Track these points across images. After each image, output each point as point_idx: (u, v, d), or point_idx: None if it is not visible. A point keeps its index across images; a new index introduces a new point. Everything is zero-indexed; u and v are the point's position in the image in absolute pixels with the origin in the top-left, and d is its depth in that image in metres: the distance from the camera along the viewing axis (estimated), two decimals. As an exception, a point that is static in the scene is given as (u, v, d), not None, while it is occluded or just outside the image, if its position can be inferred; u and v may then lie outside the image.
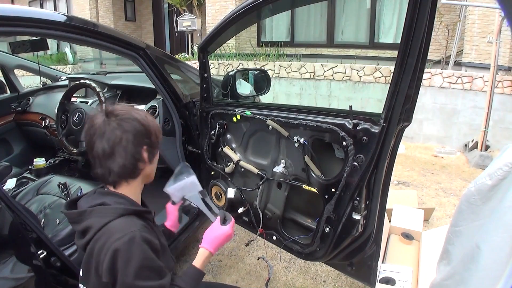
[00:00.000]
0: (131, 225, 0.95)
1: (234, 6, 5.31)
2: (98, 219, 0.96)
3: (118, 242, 0.90)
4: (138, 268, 0.90)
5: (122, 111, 1.02)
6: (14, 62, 2.92)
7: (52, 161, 2.57)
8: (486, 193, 1.06)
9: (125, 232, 0.92)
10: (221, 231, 1.13)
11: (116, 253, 0.90)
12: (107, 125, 0.99)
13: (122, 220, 0.96)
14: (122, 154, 0.99)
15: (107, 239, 0.92)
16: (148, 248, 0.93)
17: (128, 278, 0.89)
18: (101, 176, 1.02)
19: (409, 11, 1.06)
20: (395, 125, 1.19)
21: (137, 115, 1.02)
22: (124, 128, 0.99)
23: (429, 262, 1.75)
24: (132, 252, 0.90)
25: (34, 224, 1.22)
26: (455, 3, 5.15)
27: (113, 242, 0.90)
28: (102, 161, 1.00)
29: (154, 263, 0.95)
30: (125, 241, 0.90)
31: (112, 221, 0.95)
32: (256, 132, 1.62)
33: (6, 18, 1.24)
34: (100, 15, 10.19)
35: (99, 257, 0.92)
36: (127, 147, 0.99)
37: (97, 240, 0.94)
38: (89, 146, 1.01)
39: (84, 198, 1.06)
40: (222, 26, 1.56)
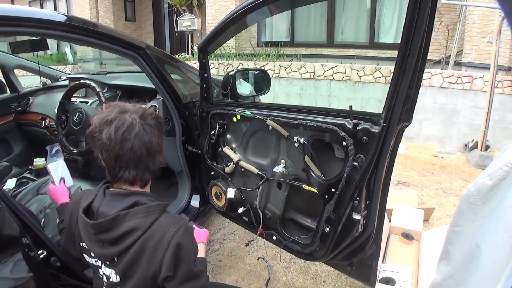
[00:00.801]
0: (179, 218, 1.02)
1: (234, 6, 5.31)
2: (142, 219, 0.95)
3: (177, 235, 0.95)
4: (195, 255, 1.01)
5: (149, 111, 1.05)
6: (14, 62, 2.92)
7: (52, 161, 2.57)
8: (486, 193, 1.06)
9: (179, 224, 0.97)
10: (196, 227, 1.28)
11: (179, 246, 0.95)
12: (145, 126, 0.99)
13: (166, 215, 1.00)
14: (160, 152, 1.04)
15: (163, 234, 0.94)
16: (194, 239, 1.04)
17: (190, 265, 0.97)
18: (133, 177, 0.99)
19: (409, 11, 1.06)
20: (395, 125, 1.19)
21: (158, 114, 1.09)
22: (159, 128, 1.04)
23: (429, 262, 1.75)
24: (191, 241, 1.00)
25: (34, 224, 1.22)
26: (455, 3, 5.16)
27: (172, 236, 0.94)
28: (140, 161, 0.98)
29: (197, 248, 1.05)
30: (181, 233, 0.96)
31: (159, 218, 0.97)
32: (256, 132, 1.62)
33: (6, 18, 1.24)
34: (100, 15, 10.19)
35: (156, 254, 0.93)
36: (161, 145, 1.05)
37: (148, 239, 0.94)
38: (122, 148, 0.95)
39: (103, 204, 1.01)
40: (222, 26, 1.56)
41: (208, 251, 2.39)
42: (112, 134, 0.95)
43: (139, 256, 0.95)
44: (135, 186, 1.03)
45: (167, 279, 0.94)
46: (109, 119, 0.97)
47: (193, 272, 0.98)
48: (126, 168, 0.98)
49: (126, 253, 0.95)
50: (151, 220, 0.96)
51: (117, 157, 0.97)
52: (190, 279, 0.98)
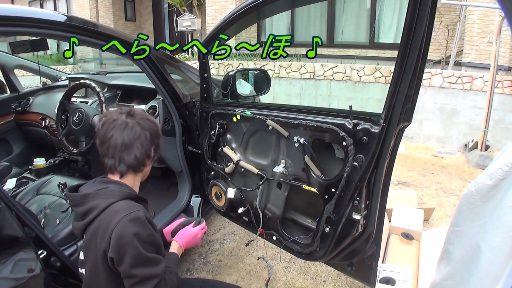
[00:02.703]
0: (134, 206, 1.06)
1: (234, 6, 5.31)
2: (103, 200, 1.06)
3: (125, 220, 1.00)
4: (144, 242, 1.01)
5: (141, 113, 1.17)
6: (14, 62, 2.92)
7: (52, 161, 2.57)
8: (486, 193, 1.06)
9: (130, 210, 1.03)
10: (190, 230, 1.30)
11: (124, 230, 0.99)
12: (129, 122, 1.13)
13: (125, 202, 1.07)
14: (138, 148, 1.12)
15: (113, 217, 1.02)
16: (150, 226, 1.05)
17: (137, 250, 0.99)
18: (111, 165, 1.13)
19: (409, 11, 1.06)
20: (395, 125, 1.19)
21: (153, 119, 1.19)
22: (144, 126, 1.14)
23: (429, 262, 1.75)
24: (138, 227, 1.01)
25: (34, 224, 1.22)
26: (455, 3, 5.16)
27: (120, 220, 1.00)
28: (116, 152, 1.11)
29: (156, 239, 1.06)
30: (131, 218, 1.01)
31: (117, 202, 1.05)
32: (256, 132, 1.62)
33: (6, 18, 1.25)
34: (100, 15, 10.19)
35: (105, 234, 1.01)
36: (144, 143, 1.13)
37: (102, 219, 1.04)
38: (105, 137, 1.12)
39: (86, 185, 1.16)
40: (222, 26, 1.56)
41: (208, 251, 2.39)
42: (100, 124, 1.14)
43: (95, 235, 1.04)
44: (115, 176, 1.15)
45: (116, 261, 1.01)
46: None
47: (146, 257, 1.01)
48: (106, 156, 1.13)
49: (87, 230, 1.07)
50: (108, 202, 1.05)
51: (101, 144, 1.13)
52: (142, 265, 1.00)
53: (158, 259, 1.05)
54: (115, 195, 1.07)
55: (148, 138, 1.14)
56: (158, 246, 1.07)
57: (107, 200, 1.06)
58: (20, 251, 1.19)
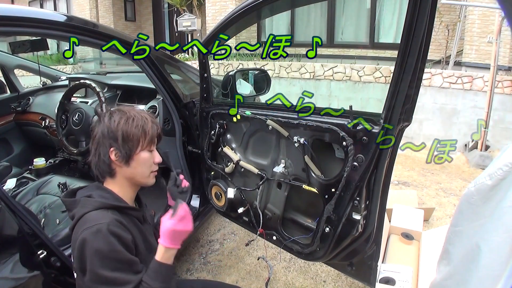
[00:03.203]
0: (102, 217, 1.01)
1: (234, 6, 5.31)
2: (80, 209, 1.05)
3: (86, 232, 0.98)
4: (103, 259, 0.96)
5: (106, 113, 1.12)
6: (14, 62, 2.92)
7: (52, 161, 2.57)
8: (486, 193, 1.06)
9: (94, 223, 0.99)
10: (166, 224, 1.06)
11: (84, 242, 0.97)
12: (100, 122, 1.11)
13: (97, 212, 1.03)
14: (94, 153, 1.11)
15: (79, 228, 1.01)
16: (116, 241, 0.98)
17: (94, 266, 0.96)
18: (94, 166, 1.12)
19: (409, 11, 1.06)
20: (395, 125, 1.19)
21: (109, 118, 1.09)
22: (99, 129, 1.10)
23: (429, 262, 1.75)
24: (97, 242, 0.96)
25: (34, 224, 1.22)
26: (455, 3, 5.16)
27: (82, 232, 0.98)
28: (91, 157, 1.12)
29: (122, 256, 0.99)
30: (92, 231, 0.97)
31: (89, 212, 1.03)
32: (256, 132, 1.62)
33: (6, 18, 1.25)
34: (100, 15, 10.19)
35: (74, 244, 1.00)
36: (97, 147, 1.10)
37: (76, 229, 1.03)
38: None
39: (82, 189, 1.14)
40: (222, 26, 1.56)
41: (208, 251, 2.39)
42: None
43: (73, 242, 1.03)
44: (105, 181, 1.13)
45: (80, 273, 0.99)
46: None
47: (104, 276, 0.95)
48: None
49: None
50: (82, 212, 1.03)
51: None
52: (102, 283, 0.96)
53: (122, 279, 0.97)
54: (89, 205, 1.04)
55: (100, 141, 1.08)
56: (125, 262, 0.99)
57: (83, 209, 1.04)
58: (20, 251, 1.19)
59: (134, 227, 1.10)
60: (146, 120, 1.13)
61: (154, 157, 1.15)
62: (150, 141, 1.12)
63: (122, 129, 1.08)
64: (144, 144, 1.11)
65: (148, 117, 1.15)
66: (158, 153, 1.17)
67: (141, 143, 1.10)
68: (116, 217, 1.04)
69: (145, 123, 1.11)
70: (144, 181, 1.15)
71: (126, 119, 1.10)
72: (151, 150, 1.14)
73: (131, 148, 1.09)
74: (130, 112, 1.12)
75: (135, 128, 1.09)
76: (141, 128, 1.10)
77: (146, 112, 1.18)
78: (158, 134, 1.16)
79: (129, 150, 1.09)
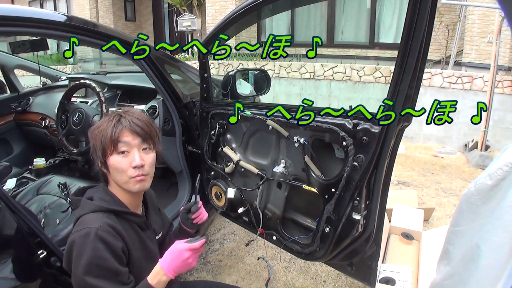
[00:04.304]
0: (94, 221, 0.99)
1: (234, 6, 5.31)
2: (79, 210, 1.06)
3: (76, 234, 0.98)
4: (88, 264, 0.94)
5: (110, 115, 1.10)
6: (14, 62, 2.91)
7: (52, 161, 2.57)
8: (486, 193, 1.06)
9: (85, 226, 0.98)
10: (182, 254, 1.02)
11: (72, 244, 0.97)
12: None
13: (91, 215, 1.02)
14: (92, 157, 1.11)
15: (75, 227, 1.02)
16: (103, 247, 0.96)
17: (78, 271, 0.95)
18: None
19: (409, 11, 1.06)
20: (395, 125, 1.19)
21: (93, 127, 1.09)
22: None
23: (429, 262, 1.75)
24: (84, 246, 0.95)
25: (34, 224, 1.22)
26: (455, 3, 5.16)
27: (73, 233, 0.99)
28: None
29: (106, 263, 0.96)
30: (81, 234, 0.97)
31: (85, 215, 1.02)
32: (256, 132, 1.62)
33: (6, 18, 1.24)
34: (100, 15, 10.19)
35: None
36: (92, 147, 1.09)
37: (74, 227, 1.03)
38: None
39: (90, 189, 1.13)
40: (222, 26, 1.56)
41: (208, 251, 2.39)
42: None
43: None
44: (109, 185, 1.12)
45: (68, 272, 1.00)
46: None
47: (83, 281, 0.94)
48: None
49: None
50: (80, 214, 1.04)
51: None
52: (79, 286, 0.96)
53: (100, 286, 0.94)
54: (87, 207, 1.04)
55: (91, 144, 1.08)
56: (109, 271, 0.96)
57: (81, 211, 1.04)
58: (20, 251, 1.19)
59: (132, 233, 1.08)
60: (111, 122, 1.04)
61: (131, 160, 1.03)
62: (111, 144, 1.02)
63: (91, 136, 1.07)
64: (110, 147, 1.03)
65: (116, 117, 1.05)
66: (139, 155, 1.05)
67: (106, 146, 1.03)
68: (110, 221, 1.01)
69: (108, 125, 1.04)
70: (126, 187, 1.06)
71: (97, 125, 1.07)
72: (121, 152, 1.03)
73: (101, 154, 1.04)
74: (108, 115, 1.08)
75: (99, 133, 1.04)
76: (103, 132, 1.04)
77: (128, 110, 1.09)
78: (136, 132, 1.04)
79: (100, 156, 1.04)
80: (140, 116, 1.08)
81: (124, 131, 1.03)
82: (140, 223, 1.13)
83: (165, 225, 1.33)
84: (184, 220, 1.23)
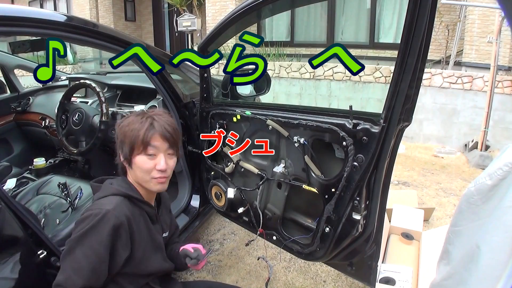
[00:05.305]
0: (108, 203, 1.05)
1: (234, 6, 5.30)
2: (99, 193, 1.12)
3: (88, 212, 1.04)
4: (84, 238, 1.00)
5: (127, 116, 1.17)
6: (14, 62, 2.91)
7: (52, 161, 2.57)
8: (486, 193, 1.06)
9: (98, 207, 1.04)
10: None
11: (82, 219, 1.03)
12: None
13: (109, 198, 1.08)
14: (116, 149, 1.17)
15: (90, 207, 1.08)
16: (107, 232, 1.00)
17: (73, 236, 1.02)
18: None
19: (409, 11, 1.06)
20: (395, 125, 1.19)
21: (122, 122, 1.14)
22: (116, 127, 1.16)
23: (429, 262, 1.75)
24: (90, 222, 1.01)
25: (34, 224, 1.22)
26: (455, 3, 5.16)
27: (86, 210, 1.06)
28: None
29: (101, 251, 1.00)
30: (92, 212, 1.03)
31: (104, 197, 1.09)
32: (256, 132, 1.62)
33: (6, 18, 1.24)
34: (100, 15, 10.19)
35: None
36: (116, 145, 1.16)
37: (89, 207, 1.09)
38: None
39: (110, 179, 1.19)
40: (222, 26, 1.56)
41: (208, 251, 2.39)
42: None
43: None
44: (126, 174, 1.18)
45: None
46: None
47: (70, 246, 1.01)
48: None
49: None
50: (99, 196, 1.11)
51: None
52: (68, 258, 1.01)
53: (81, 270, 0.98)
54: (107, 191, 1.11)
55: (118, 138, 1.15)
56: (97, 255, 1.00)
57: (100, 193, 1.11)
58: (20, 251, 1.19)
59: (142, 222, 1.13)
60: (144, 123, 1.09)
61: (156, 163, 1.10)
62: (142, 145, 1.08)
63: (122, 130, 1.12)
64: (140, 148, 1.09)
65: (149, 120, 1.10)
66: (164, 159, 1.11)
67: (135, 146, 1.09)
68: (123, 206, 1.07)
69: (141, 126, 1.09)
70: (147, 186, 1.14)
71: (128, 122, 1.12)
72: (149, 154, 1.10)
73: (129, 151, 1.10)
74: (140, 114, 1.14)
75: (130, 131, 1.09)
76: (135, 132, 1.09)
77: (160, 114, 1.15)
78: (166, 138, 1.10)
79: (127, 152, 1.11)
80: (170, 122, 1.15)
81: (156, 135, 1.10)
82: (151, 214, 1.18)
83: (172, 226, 1.37)
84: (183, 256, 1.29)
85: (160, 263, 1.20)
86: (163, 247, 1.23)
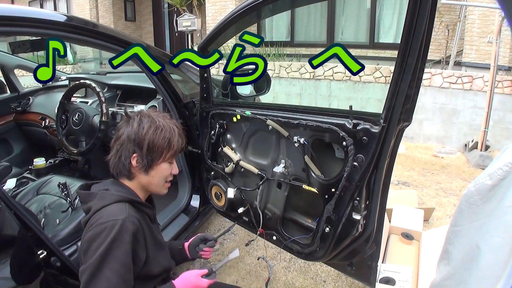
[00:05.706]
0: (119, 212, 1.02)
1: (234, 6, 5.30)
2: (98, 201, 1.06)
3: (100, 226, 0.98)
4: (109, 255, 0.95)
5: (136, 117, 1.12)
6: (14, 62, 2.92)
7: (52, 161, 2.57)
8: (486, 193, 1.06)
9: (110, 218, 1.00)
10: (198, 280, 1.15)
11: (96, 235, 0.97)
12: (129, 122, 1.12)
13: (114, 206, 1.04)
14: (115, 153, 1.12)
15: (98, 219, 1.01)
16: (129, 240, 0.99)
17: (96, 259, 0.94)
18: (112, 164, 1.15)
19: (409, 11, 1.06)
20: (395, 125, 1.19)
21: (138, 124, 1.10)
22: (126, 131, 1.10)
23: (429, 262, 1.75)
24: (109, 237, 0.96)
25: (34, 224, 1.22)
26: (455, 3, 5.16)
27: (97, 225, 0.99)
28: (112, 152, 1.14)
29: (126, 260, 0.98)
30: (107, 226, 0.98)
31: (108, 206, 1.04)
32: (256, 132, 1.62)
33: (6, 18, 1.24)
34: (100, 15, 10.19)
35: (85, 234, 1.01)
36: (120, 148, 1.11)
37: (92, 219, 1.03)
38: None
39: (97, 183, 1.16)
40: (222, 26, 1.56)
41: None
42: None
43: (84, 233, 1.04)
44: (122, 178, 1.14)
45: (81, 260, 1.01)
46: None
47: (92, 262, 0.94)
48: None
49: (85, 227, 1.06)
50: (101, 205, 1.05)
51: None
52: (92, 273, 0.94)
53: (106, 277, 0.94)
54: (109, 198, 1.06)
55: (125, 144, 1.10)
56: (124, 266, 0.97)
57: (102, 202, 1.05)
58: (20, 251, 1.19)
59: (145, 224, 1.13)
60: (174, 132, 1.13)
61: (173, 168, 1.17)
62: (173, 154, 1.14)
63: (149, 138, 1.09)
64: (167, 157, 1.12)
65: (176, 129, 1.15)
66: (176, 164, 1.18)
67: (164, 155, 1.11)
68: (132, 212, 1.05)
69: (172, 135, 1.12)
70: (158, 190, 1.17)
71: (155, 129, 1.10)
72: (171, 162, 1.15)
73: (153, 158, 1.11)
74: (159, 121, 1.12)
75: (162, 140, 1.10)
76: (167, 141, 1.11)
77: (174, 123, 1.17)
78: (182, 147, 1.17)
79: (151, 160, 1.10)
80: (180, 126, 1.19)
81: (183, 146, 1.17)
82: (151, 215, 1.19)
83: None
84: (193, 246, 1.32)
85: (168, 260, 1.22)
86: (165, 245, 1.25)
